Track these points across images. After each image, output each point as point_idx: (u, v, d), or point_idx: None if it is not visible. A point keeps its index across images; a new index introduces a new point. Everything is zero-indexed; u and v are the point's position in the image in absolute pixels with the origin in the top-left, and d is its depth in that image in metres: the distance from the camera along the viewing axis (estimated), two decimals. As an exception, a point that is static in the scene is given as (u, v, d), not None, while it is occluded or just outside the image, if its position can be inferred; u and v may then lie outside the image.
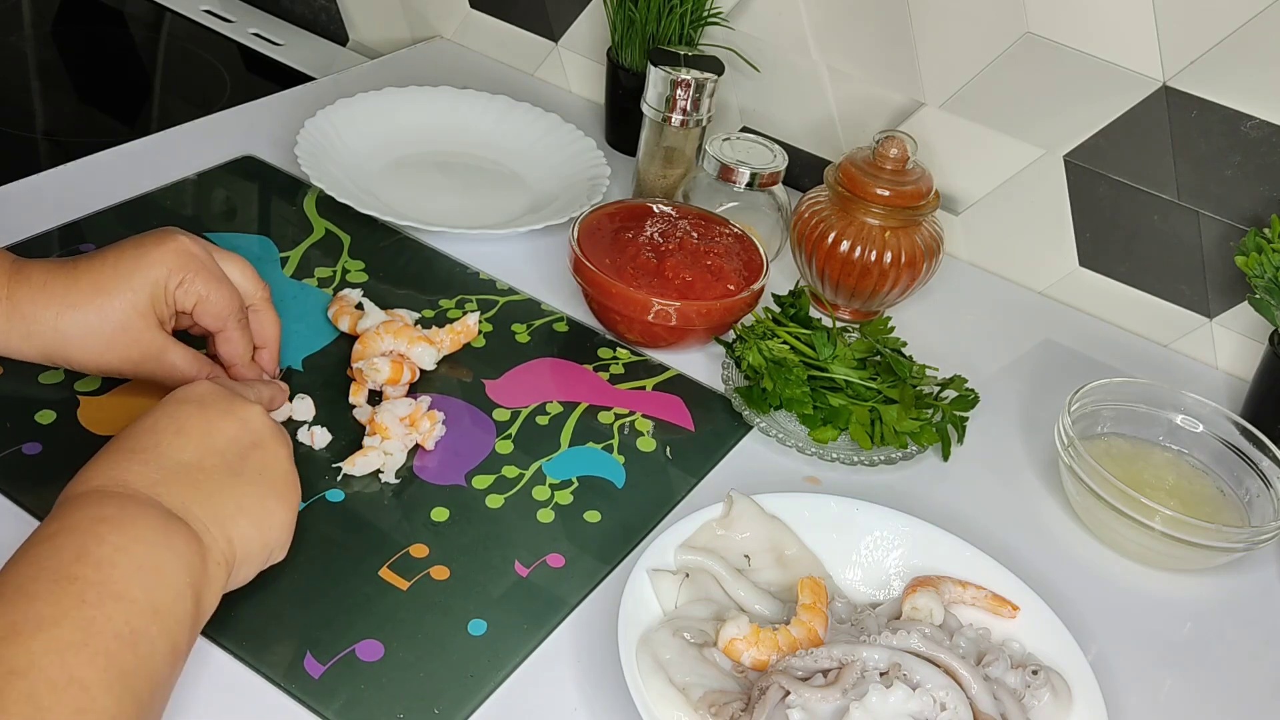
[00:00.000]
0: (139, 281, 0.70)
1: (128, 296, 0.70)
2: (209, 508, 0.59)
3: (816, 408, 0.84)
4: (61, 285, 0.70)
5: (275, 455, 0.63)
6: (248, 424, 0.63)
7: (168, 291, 0.72)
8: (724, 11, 1.12)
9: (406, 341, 0.82)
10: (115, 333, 0.70)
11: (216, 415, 0.63)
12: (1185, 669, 0.74)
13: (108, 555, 0.52)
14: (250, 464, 0.62)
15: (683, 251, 0.90)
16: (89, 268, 0.70)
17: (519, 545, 0.73)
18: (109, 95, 1.24)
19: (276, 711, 0.61)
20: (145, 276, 0.71)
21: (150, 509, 0.56)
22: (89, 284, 0.70)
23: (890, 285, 0.94)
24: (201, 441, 0.61)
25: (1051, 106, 1.00)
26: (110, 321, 0.70)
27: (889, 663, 0.62)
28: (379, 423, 0.76)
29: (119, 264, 0.71)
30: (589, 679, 0.66)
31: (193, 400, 0.63)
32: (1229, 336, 1.01)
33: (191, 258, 0.72)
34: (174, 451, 0.60)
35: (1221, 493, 0.84)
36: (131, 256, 0.71)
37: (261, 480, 0.62)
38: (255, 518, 0.61)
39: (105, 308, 0.70)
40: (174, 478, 0.59)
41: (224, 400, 0.64)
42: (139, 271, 0.71)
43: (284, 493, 0.63)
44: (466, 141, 1.13)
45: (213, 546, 0.58)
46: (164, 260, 0.71)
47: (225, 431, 0.62)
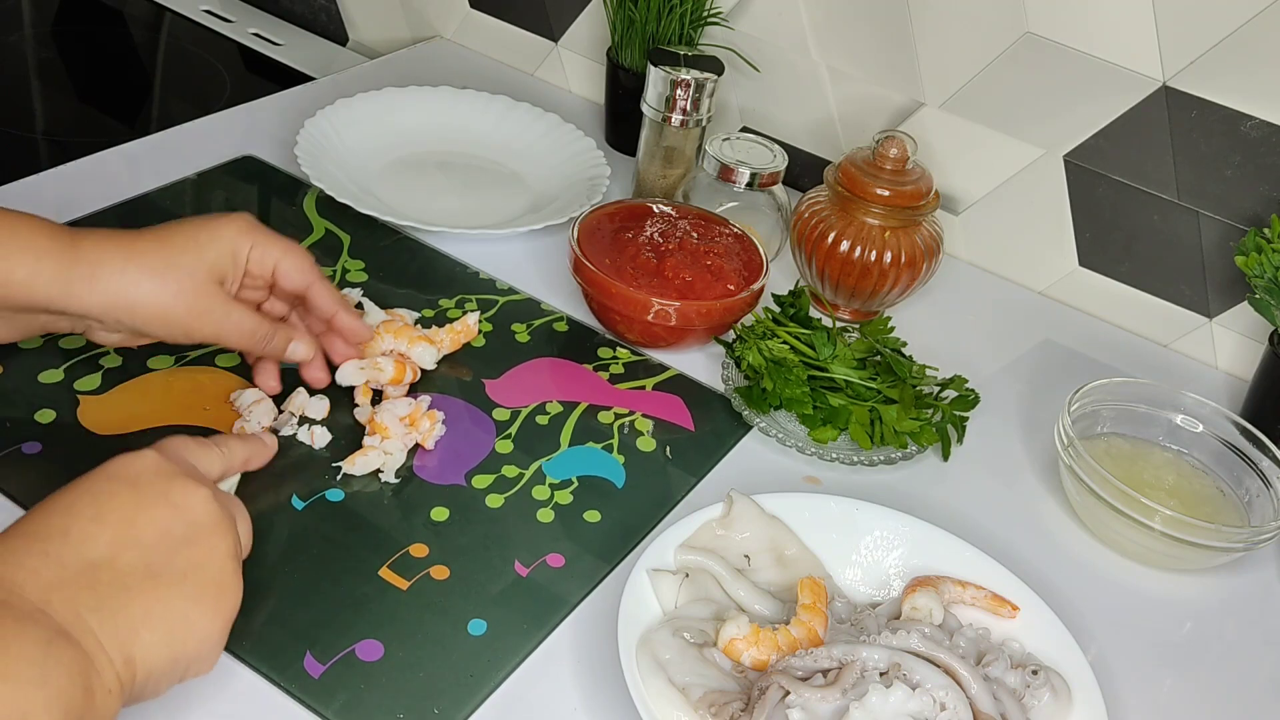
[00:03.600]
0: (206, 240, 0.70)
1: (195, 252, 0.70)
2: (109, 620, 0.50)
3: (816, 408, 0.84)
4: (128, 237, 0.69)
5: (210, 552, 0.55)
6: (184, 512, 0.55)
7: (237, 256, 0.71)
8: (724, 11, 1.12)
9: (407, 341, 0.82)
10: (182, 284, 0.69)
11: (149, 499, 0.54)
12: (1185, 669, 0.74)
13: None
14: (176, 563, 0.53)
15: (683, 251, 0.90)
16: (152, 230, 0.70)
17: (519, 545, 0.73)
18: (109, 95, 1.24)
19: (276, 711, 0.61)
20: (213, 237, 0.71)
21: (32, 629, 0.48)
22: (155, 236, 0.70)
23: (890, 285, 0.95)
24: (121, 532, 0.53)
25: (1051, 106, 1.00)
26: (177, 271, 0.69)
27: (889, 663, 0.62)
28: (379, 422, 0.76)
29: (184, 227, 0.71)
30: (589, 679, 0.66)
31: (124, 478, 0.54)
32: (1229, 336, 1.01)
33: (258, 226, 0.73)
34: (83, 544, 0.51)
35: (1221, 493, 0.84)
36: (197, 221, 0.71)
37: (186, 583, 0.53)
38: (167, 630, 0.52)
39: (172, 258, 0.69)
40: (74, 580, 0.50)
41: (163, 480, 0.55)
42: (205, 232, 0.71)
43: (213, 599, 0.54)
44: (466, 141, 1.13)
45: (104, 671, 0.50)
46: (233, 224, 0.72)
47: (155, 520, 0.54)
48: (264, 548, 0.68)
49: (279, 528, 0.70)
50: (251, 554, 0.67)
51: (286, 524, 0.71)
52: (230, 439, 0.67)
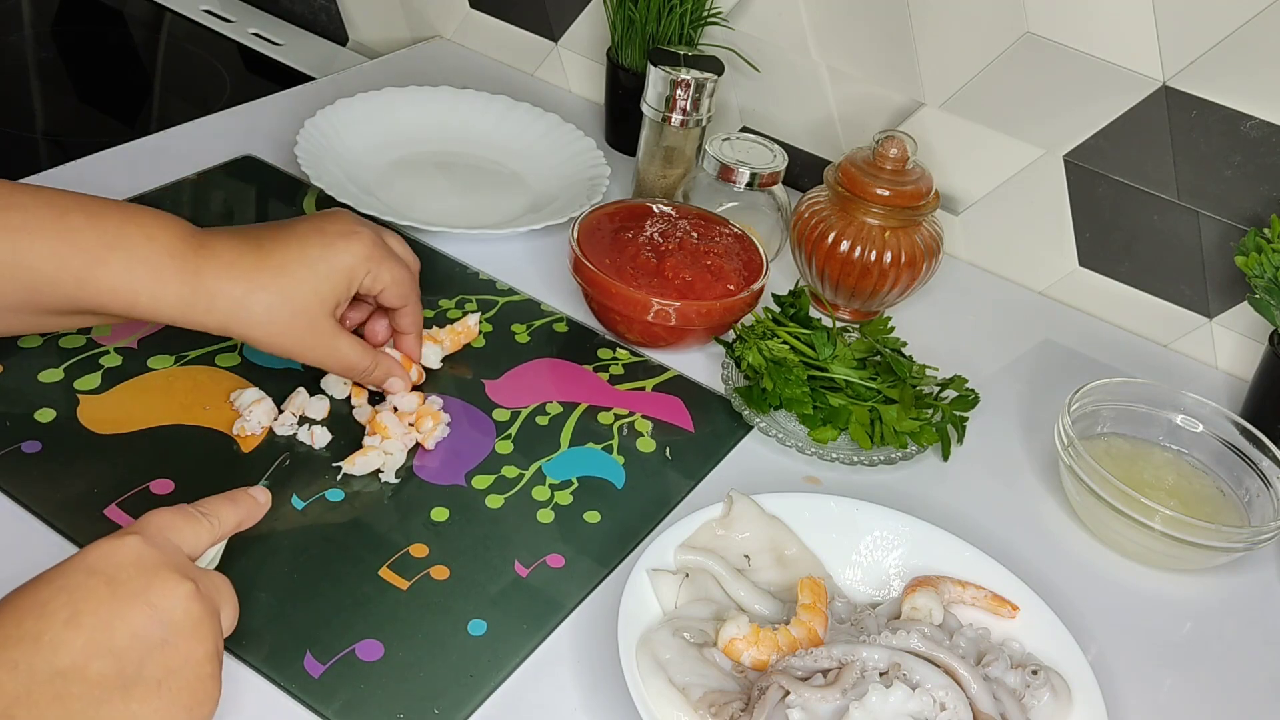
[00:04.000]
0: (324, 269, 0.71)
1: (312, 284, 0.71)
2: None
3: (816, 408, 0.84)
4: (250, 264, 0.70)
5: (188, 656, 0.52)
6: (161, 614, 0.52)
7: (352, 281, 0.73)
8: (724, 11, 1.12)
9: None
10: (295, 317, 0.71)
11: (125, 600, 0.51)
12: (1185, 669, 0.74)
13: None
14: (150, 669, 0.51)
15: (683, 251, 0.90)
16: (274, 248, 0.71)
17: (519, 545, 0.73)
18: (109, 95, 1.24)
19: (276, 711, 0.61)
20: (332, 265, 0.72)
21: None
22: (276, 265, 0.70)
23: (890, 285, 0.95)
24: (94, 637, 0.50)
25: (1051, 106, 1.00)
26: (291, 306, 0.70)
27: (889, 663, 0.62)
28: (379, 422, 0.76)
29: (305, 249, 0.71)
30: (589, 679, 0.66)
31: (103, 573, 0.52)
32: (1229, 336, 1.01)
33: (376, 247, 0.74)
34: (54, 651, 0.49)
35: (1221, 493, 0.84)
36: (318, 243, 0.72)
37: (160, 691, 0.51)
38: None
39: (288, 291, 0.70)
40: (41, 692, 0.48)
41: (143, 576, 0.52)
42: (325, 260, 0.72)
43: (186, 708, 0.52)
44: (466, 141, 1.13)
45: None
46: (350, 251, 0.73)
47: (130, 623, 0.51)
48: (264, 548, 0.68)
49: (279, 528, 0.70)
50: (252, 554, 0.68)
51: (286, 524, 0.71)
52: (219, 504, 0.61)
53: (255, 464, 0.74)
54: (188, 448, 0.74)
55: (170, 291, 0.68)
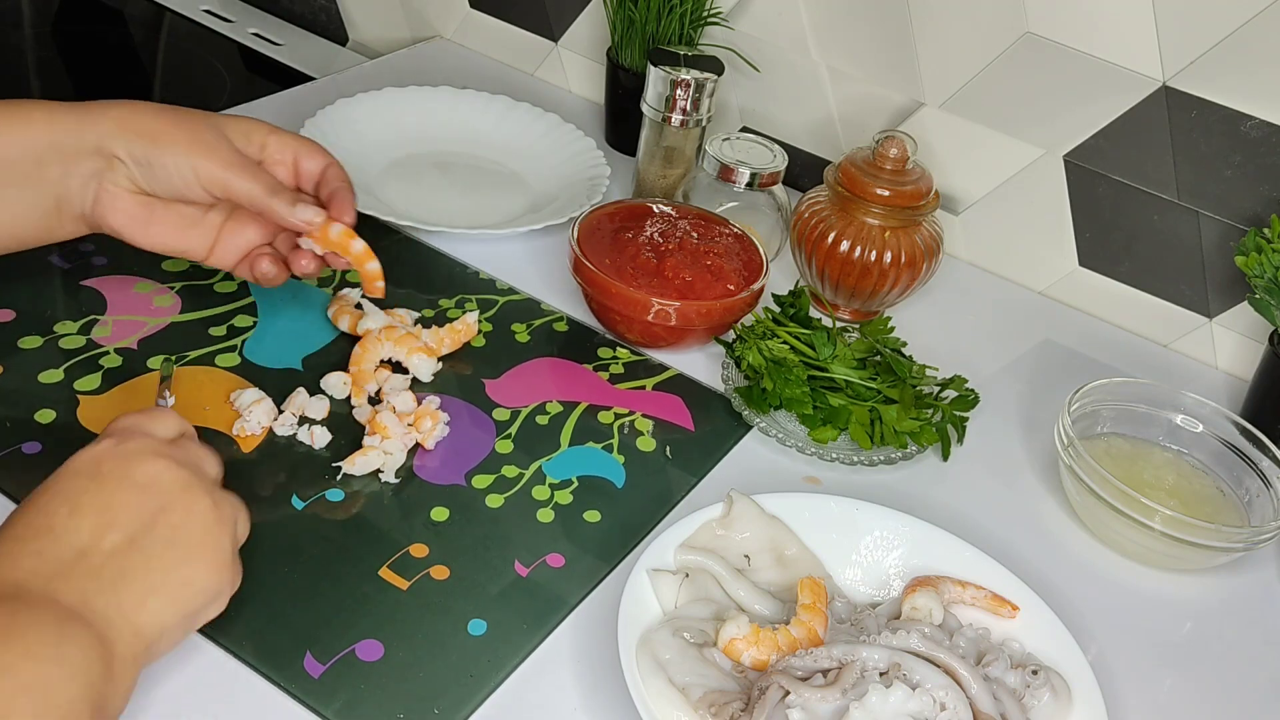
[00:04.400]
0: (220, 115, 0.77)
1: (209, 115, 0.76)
2: (114, 597, 0.53)
3: (816, 408, 0.84)
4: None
5: (188, 511, 0.57)
6: (148, 488, 0.57)
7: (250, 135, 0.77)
8: (724, 11, 1.12)
9: (405, 351, 0.82)
10: (195, 121, 0.74)
11: (112, 486, 0.56)
12: (1185, 669, 0.74)
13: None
14: (157, 533, 0.56)
15: (683, 251, 0.90)
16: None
17: (519, 545, 0.73)
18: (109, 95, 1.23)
19: (276, 711, 0.61)
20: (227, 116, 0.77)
21: (43, 613, 0.51)
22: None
23: (890, 285, 0.94)
24: (97, 520, 0.55)
25: (1051, 106, 1.00)
26: (191, 115, 0.74)
27: (889, 663, 0.62)
28: (379, 422, 0.76)
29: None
30: (589, 679, 0.66)
31: (84, 472, 0.57)
32: (1229, 336, 1.01)
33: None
34: (68, 535, 0.54)
35: (1221, 493, 0.84)
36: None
37: (173, 548, 0.56)
38: (168, 593, 0.55)
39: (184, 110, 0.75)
40: (71, 568, 0.53)
41: (122, 463, 0.57)
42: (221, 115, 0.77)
43: (205, 549, 0.57)
44: (466, 141, 1.13)
45: (117, 642, 0.53)
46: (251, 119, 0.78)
47: (125, 503, 0.56)
48: (264, 548, 0.68)
49: (279, 528, 0.70)
50: (252, 554, 0.67)
51: (286, 524, 0.71)
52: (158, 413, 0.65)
53: (255, 464, 0.74)
54: (188, 448, 0.74)
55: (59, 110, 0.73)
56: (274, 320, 0.86)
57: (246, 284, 0.89)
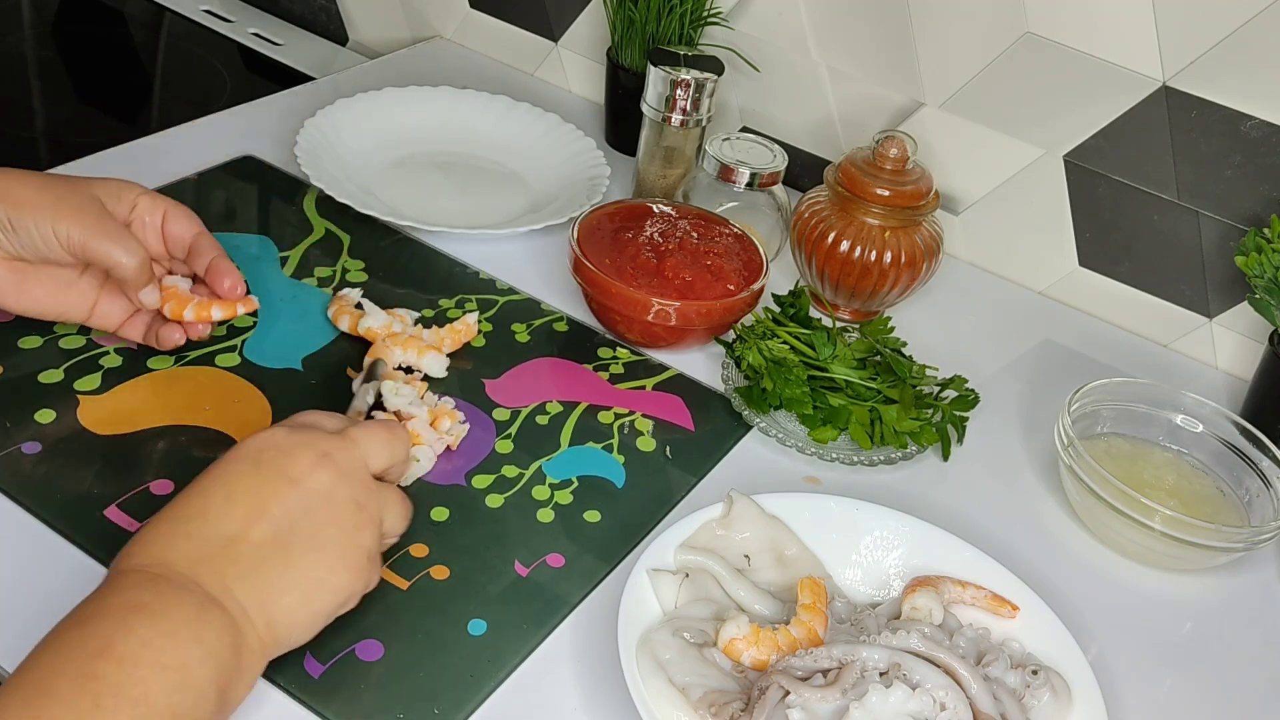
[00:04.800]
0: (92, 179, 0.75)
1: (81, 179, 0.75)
2: (252, 587, 0.56)
3: (816, 408, 0.84)
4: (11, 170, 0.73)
5: (332, 519, 0.60)
6: (301, 485, 0.59)
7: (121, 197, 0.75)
8: (724, 11, 1.12)
9: (416, 352, 0.82)
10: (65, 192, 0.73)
11: (269, 477, 0.59)
12: (1185, 669, 0.74)
13: (132, 651, 0.51)
14: (301, 531, 0.58)
15: (683, 251, 0.90)
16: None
17: (519, 545, 0.73)
18: (109, 95, 1.24)
19: (276, 711, 0.61)
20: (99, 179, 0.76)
21: (186, 595, 0.54)
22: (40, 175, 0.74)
23: (890, 285, 0.95)
24: (250, 508, 0.58)
25: (1051, 106, 1.00)
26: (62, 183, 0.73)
27: (889, 663, 0.62)
28: (411, 430, 0.76)
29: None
30: (589, 679, 0.66)
31: (248, 458, 0.60)
32: (1229, 336, 1.01)
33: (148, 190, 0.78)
34: (220, 522, 0.57)
35: (1221, 493, 0.84)
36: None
37: (313, 549, 0.59)
38: (303, 593, 0.58)
39: (54, 178, 0.74)
40: (218, 554, 0.56)
41: (281, 457, 0.60)
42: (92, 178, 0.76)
43: (343, 555, 0.60)
44: (466, 141, 1.13)
45: (249, 633, 0.56)
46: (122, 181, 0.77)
47: (277, 496, 0.59)
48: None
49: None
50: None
51: (286, 524, 0.71)
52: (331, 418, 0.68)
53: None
54: (188, 448, 0.74)
55: None
56: (274, 320, 0.86)
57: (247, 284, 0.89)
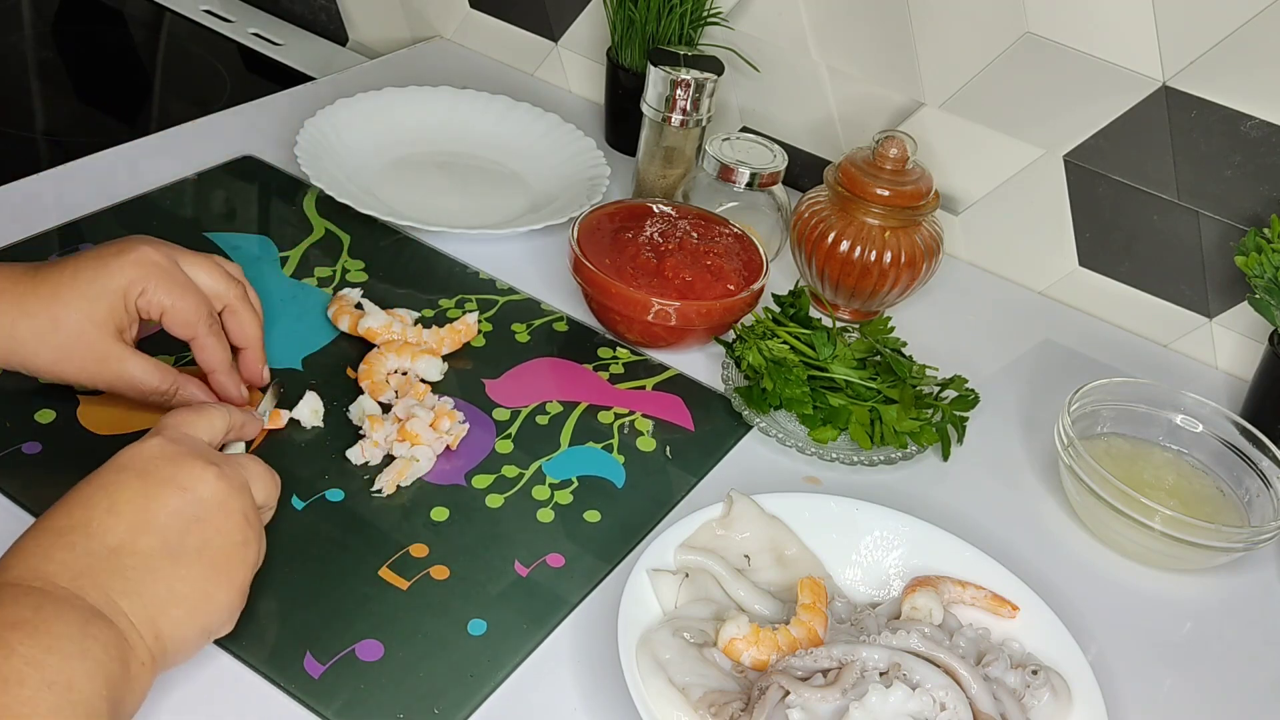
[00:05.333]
0: (95, 291, 0.69)
1: (83, 306, 0.68)
2: (138, 599, 0.54)
3: (816, 408, 0.84)
4: (20, 291, 0.68)
5: (220, 528, 0.58)
6: (190, 492, 0.58)
7: (127, 302, 0.70)
8: (724, 11, 1.12)
9: (410, 357, 0.82)
10: (69, 342, 0.68)
11: (156, 485, 0.57)
12: (1185, 669, 0.74)
13: (15, 670, 0.49)
14: (190, 542, 0.57)
15: (683, 251, 0.90)
16: (48, 276, 0.69)
17: (519, 545, 0.73)
18: (109, 95, 1.24)
19: (276, 711, 0.61)
20: (103, 286, 0.69)
21: (69, 609, 0.52)
22: (47, 291, 0.68)
23: (890, 285, 0.94)
24: (135, 518, 0.56)
25: (1051, 106, 1.00)
26: (63, 331, 0.68)
27: (889, 663, 0.62)
28: (410, 430, 0.76)
29: (78, 273, 0.69)
30: (589, 679, 0.66)
31: (133, 468, 0.58)
32: (1229, 336, 1.01)
33: (153, 267, 0.70)
34: (103, 533, 0.55)
35: (1221, 493, 0.84)
36: (91, 266, 0.69)
37: (201, 560, 0.57)
38: (191, 605, 0.56)
39: (59, 316, 0.68)
40: (100, 565, 0.54)
41: (169, 465, 0.58)
42: (97, 281, 0.69)
43: (229, 569, 0.58)
44: (466, 141, 1.13)
45: (137, 646, 0.54)
46: (123, 271, 0.69)
47: (166, 505, 0.57)
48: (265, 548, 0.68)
49: (279, 528, 0.70)
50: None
51: (286, 524, 0.71)
52: (222, 406, 0.67)
53: (255, 464, 0.74)
54: (188, 448, 0.74)
55: None
56: (274, 320, 0.86)
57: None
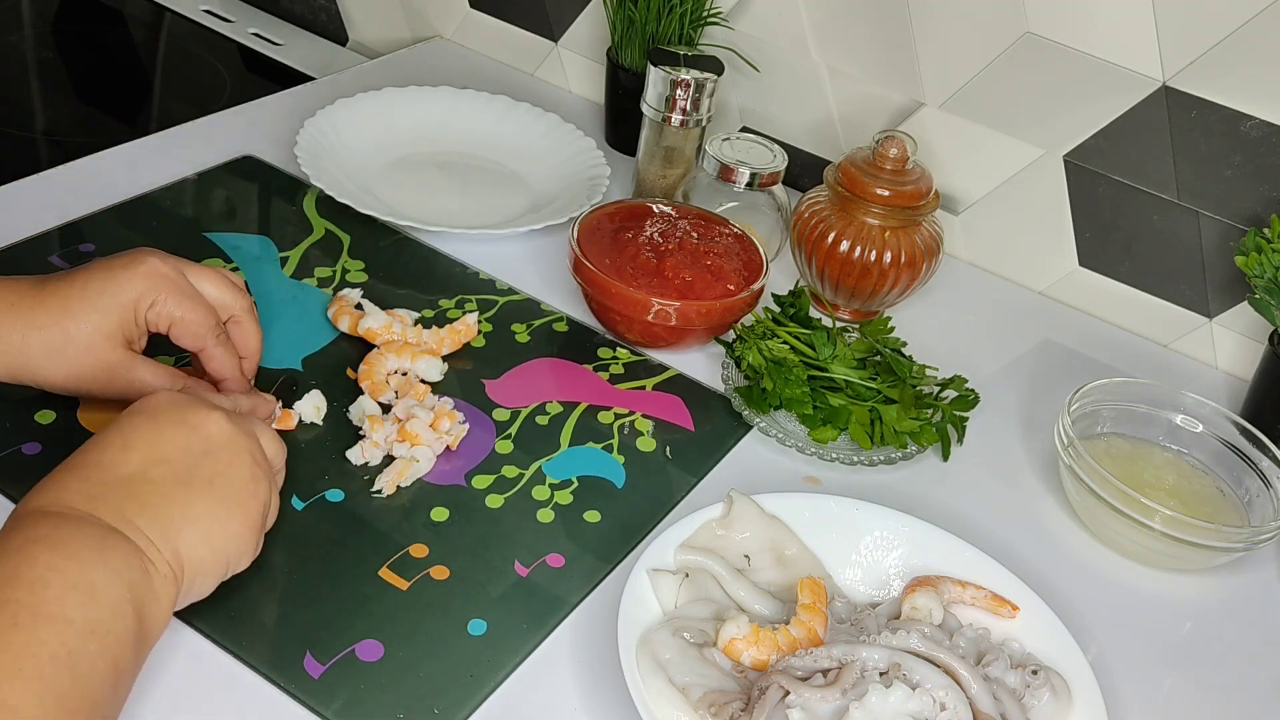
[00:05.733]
0: (106, 304, 0.69)
1: (93, 318, 0.69)
2: (152, 519, 0.57)
3: (816, 408, 0.84)
4: (28, 305, 0.68)
5: (230, 463, 0.61)
6: (199, 430, 0.61)
7: (137, 314, 0.70)
8: (724, 11, 1.12)
9: (410, 358, 0.82)
10: (80, 354, 0.69)
11: (166, 424, 0.60)
12: (1185, 669, 0.74)
13: (40, 576, 0.51)
14: (201, 473, 0.59)
15: (682, 251, 0.90)
16: (57, 288, 0.69)
17: (519, 545, 0.73)
18: (109, 95, 1.24)
19: (276, 711, 0.61)
20: (113, 299, 0.69)
21: (85, 525, 0.54)
22: (56, 304, 0.69)
23: (890, 285, 0.94)
24: (148, 452, 0.59)
25: (1051, 106, 1.00)
26: (75, 343, 0.69)
27: (889, 663, 0.62)
28: (410, 430, 0.76)
29: (87, 285, 0.69)
30: (589, 679, 0.66)
31: (144, 411, 0.61)
32: (1229, 336, 1.01)
33: (162, 279, 0.71)
34: (117, 465, 0.58)
35: (1221, 493, 0.84)
36: (100, 279, 0.70)
37: (212, 489, 0.59)
38: (204, 529, 0.58)
39: (70, 329, 0.68)
40: (114, 491, 0.57)
41: (177, 408, 0.61)
42: (106, 294, 0.69)
43: (241, 501, 0.60)
44: (466, 141, 1.13)
45: (156, 560, 0.56)
46: (133, 283, 0.70)
47: (174, 441, 0.60)
48: (264, 548, 0.68)
49: (279, 528, 0.70)
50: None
51: (287, 524, 0.71)
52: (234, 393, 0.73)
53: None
54: (188, 448, 0.74)
55: None
56: (274, 321, 0.86)
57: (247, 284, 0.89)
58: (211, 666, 0.62)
